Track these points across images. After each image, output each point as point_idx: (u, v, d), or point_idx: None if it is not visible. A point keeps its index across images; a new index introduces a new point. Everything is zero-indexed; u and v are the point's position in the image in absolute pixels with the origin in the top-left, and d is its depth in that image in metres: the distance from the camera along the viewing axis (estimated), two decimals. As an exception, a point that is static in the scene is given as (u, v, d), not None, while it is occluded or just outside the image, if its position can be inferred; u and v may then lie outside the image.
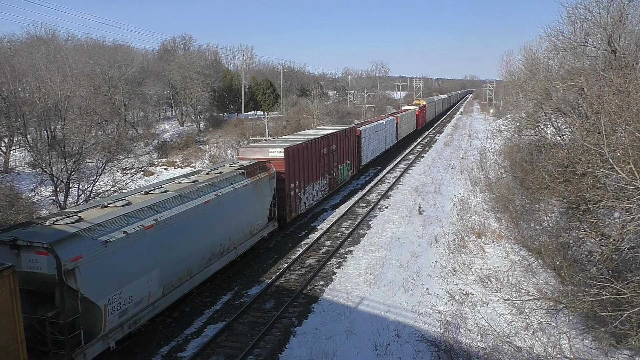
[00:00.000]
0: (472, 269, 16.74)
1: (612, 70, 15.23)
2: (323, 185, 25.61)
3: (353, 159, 31.62)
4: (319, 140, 24.59)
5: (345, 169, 29.74)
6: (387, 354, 11.67)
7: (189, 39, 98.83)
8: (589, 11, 18.11)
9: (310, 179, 23.46)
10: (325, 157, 25.59)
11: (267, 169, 18.88)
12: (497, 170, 25.75)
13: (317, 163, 24.37)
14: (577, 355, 10.67)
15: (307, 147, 22.84)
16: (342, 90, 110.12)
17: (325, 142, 25.79)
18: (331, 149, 26.60)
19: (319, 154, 24.63)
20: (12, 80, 36.18)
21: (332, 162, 27.01)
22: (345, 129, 30.25)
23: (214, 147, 51.50)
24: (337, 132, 28.05)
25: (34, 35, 74.00)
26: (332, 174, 26.99)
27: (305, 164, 22.64)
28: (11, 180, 30.10)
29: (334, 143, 27.26)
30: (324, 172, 25.56)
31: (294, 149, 21.34)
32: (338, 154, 27.96)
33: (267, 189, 18.41)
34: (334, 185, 27.78)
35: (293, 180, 21.14)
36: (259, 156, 20.30)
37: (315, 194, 24.28)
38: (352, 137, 31.21)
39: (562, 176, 14.27)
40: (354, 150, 31.83)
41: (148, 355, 11.93)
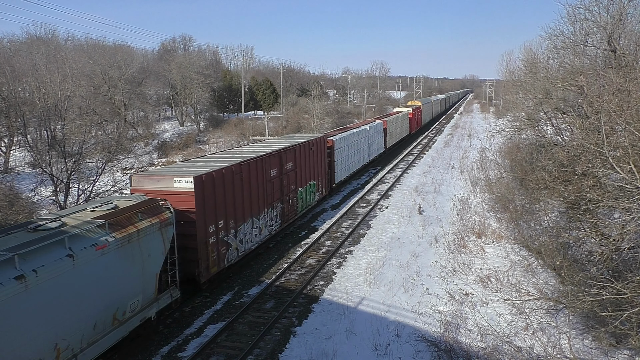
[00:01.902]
0: (472, 269, 16.73)
1: (612, 70, 15.23)
2: (271, 218, 19.30)
3: (322, 177, 25.61)
4: (262, 160, 18.20)
5: (309, 191, 23.64)
6: (387, 354, 11.67)
7: (189, 39, 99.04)
8: (588, 11, 18.12)
9: (248, 214, 17.17)
10: (274, 181, 19.47)
11: (158, 212, 12.13)
12: (497, 170, 25.75)
13: (261, 190, 18.20)
14: (577, 355, 10.66)
15: (238, 171, 16.43)
16: (342, 90, 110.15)
17: (275, 160, 19.45)
18: (285, 168, 20.41)
19: (264, 177, 18.43)
20: (12, 80, 36.18)
21: (288, 185, 20.85)
22: (309, 140, 23.64)
23: (214, 147, 51.54)
24: (295, 146, 21.55)
25: (34, 35, 74.08)
26: (286, 202, 20.81)
27: (237, 194, 16.39)
28: (11, 180, 30.12)
29: (290, 160, 21.03)
30: (273, 200, 19.35)
31: (214, 176, 14.92)
32: (298, 173, 21.98)
33: (154, 244, 11.78)
34: (291, 215, 21.48)
35: (213, 221, 14.92)
36: (160, 187, 14.25)
37: (256, 232, 17.90)
38: (320, 150, 25.13)
39: (562, 176, 14.26)
40: (322, 166, 25.67)
41: (148, 355, 11.93)
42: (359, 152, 33.78)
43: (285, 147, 20.68)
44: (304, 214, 23.78)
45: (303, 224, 23.15)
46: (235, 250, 16.42)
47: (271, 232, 19.34)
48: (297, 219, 23.00)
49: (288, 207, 21.07)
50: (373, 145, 38.27)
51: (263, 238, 18.56)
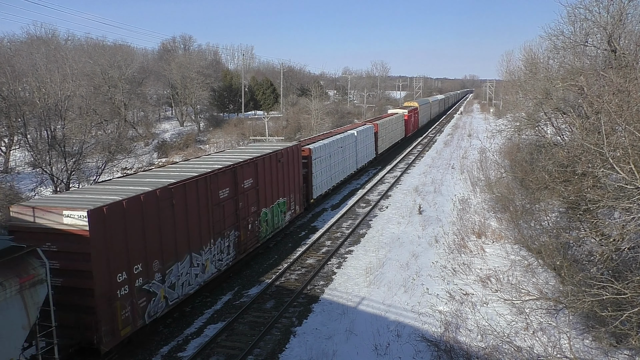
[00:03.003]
0: (472, 269, 16.74)
1: (612, 70, 15.24)
2: (220, 251, 15.35)
3: (295, 192, 21.76)
4: (206, 179, 14.34)
5: (277, 211, 19.75)
6: (387, 354, 11.67)
7: (189, 38, 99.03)
8: (588, 11, 18.11)
9: (183, 250, 13.28)
10: (226, 203, 15.57)
11: (18, 266, 8.41)
12: (497, 170, 25.75)
13: (204, 217, 14.29)
14: (577, 355, 10.66)
15: (167, 196, 12.53)
16: (342, 90, 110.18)
17: (226, 178, 15.57)
18: (242, 186, 16.60)
19: (209, 200, 14.49)
20: (12, 80, 36.17)
21: (246, 207, 16.98)
22: (277, 151, 19.71)
23: (214, 147, 51.55)
24: (256, 159, 17.71)
25: (34, 35, 74.00)
26: (244, 228, 16.88)
27: (166, 227, 12.51)
28: (11, 180, 30.13)
29: (250, 176, 17.16)
30: (224, 228, 15.47)
31: (124, 207, 11.15)
32: (261, 191, 18.13)
33: (7, 316, 8.01)
34: (250, 243, 17.47)
35: (124, 267, 11.20)
36: (46, 223, 10.57)
37: (197, 272, 14.00)
38: (293, 161, 21.43)
39: (562, 176, 14.27)
40: (296, 180, 21.87)
41: (148, 355, 11.93)
42: (343, 160, 30.16)
43: (241, 161, 16.68)
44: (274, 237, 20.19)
45: (303, 224, 23.16)
46: (163, 299, 12.51)
47: (221, 268, 15.37)
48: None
49: (246, 234, 17.02)
50: (362, 151, 34.91)
51: (209, 277, 14.62)
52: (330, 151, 27.27)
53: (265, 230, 18.69)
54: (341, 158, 29.54)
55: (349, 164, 31.43)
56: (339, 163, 29.17)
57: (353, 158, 32.43)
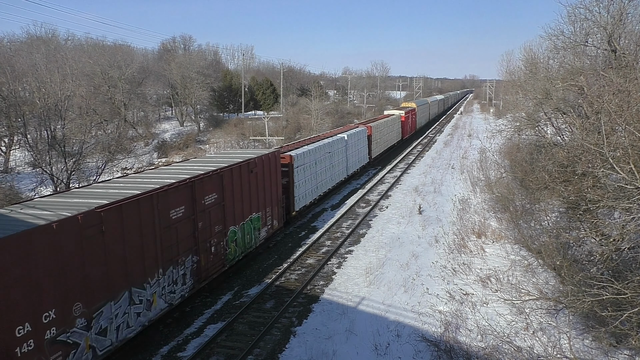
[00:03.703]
0: (472, 268, 16.74)
1: (612, 70, 15.25)
2: (172, 281, 12.88)
3: (273, 205, 19.38)
4: (152, 197, 11.95)
5: (249, 228, 17.34)
6: (387, 354, 11.67)
7: (188, 38, 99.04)
8: (589, 11, 18.13)
9: (119, 286, 10.96)
10: (181, 225, 13.17)
11: None
12: (497, 170, 25.76)
13: (150, 243, 11.95)
14: (577, 355, 10.66)
15: (94, 222, 10.21)
16: (342, 90, 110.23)
17: (181, 194, 13.15)
18: (203, 203, 14.22)
19: (157, 222, 12.14)
20: (12, 80, 36.19)
21: (208, 226, 14.60)
22: (250, 159, 17.22)
23: (214, 147, 51.58)
24: (222, 170, 15.28)
25: (34, 35, 74.09)
26: (205, 251, 14.47)
27: (92, 260, 10.16)
28: (11, 180, 30.14)
29: (213, 190, 14.78)
30: (177, 254, 13.06)
31: (27, 240, 8.80)
32: (229, 206, 15.76)
33: None
34: (214, 268, 15.02)
35: (28, 316, 8.83)
36: None
37: (139, 310, 11.59)
38: (271, 170, 19.04)
39: (562, 176, 14.28)
40: (275, 191, 19.49)
41: (148, 355, 11.93)
42: (332, 167, 27.70)
43: (202, 174, 14.19)
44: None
45: (303, 224, 23.16)
46: (89, 350, 10.11)
47: (173, 302, 12.92)
48: (224, 272, 15.98)
49: (208, 258, 14.66)
50: (353, 156, 32.41)
51: (157, 314, 12.24)
52: (316, 157, 25.04)
53: (234, 252, 16.24)
54: (329, 164, 27.26)
55: (338, 170, 29.02)
56: (327, 170, 26.91)
57: (343, 164, 30.06)
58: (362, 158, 34.75)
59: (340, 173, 29.50)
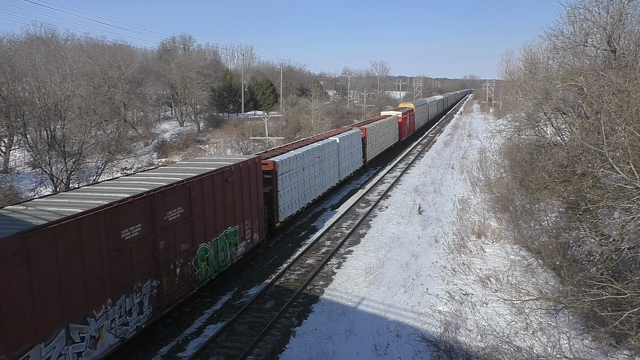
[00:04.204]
0: (471, 269, 16.74)
1: (612, 70, 15.26)
2: (126, 312, 11.11)
3: (253, 216, 17.66)
4: (99, 216, 10.26)
5: (224, 244, 15.67)
6: (387, 354, 11.67)
7: (188, 39, 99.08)
8: (588, 11, 18.14)
9: (53, 323, 9.20)
10: (136, 246, 11.44)
11: None
12: (497, 170, 25.76)
13: (95, 269, 10.20)
14: (576, 355, 10.67)
15: (20, 249, 8.55)
16: (342, 90, 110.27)
17: (135, 210, 11.40)
18: (165, 219, 12.46)
19: (105, 244, 10.44)
20: (12, 80, 36.21)
21: (172, 245, 12.83)
22: (224, 168, 15.43)
23: (213, 147, 51.59)
24: (189, 181, 13.50)
25: (34, 35, 74.10)
26: (169, 274, 12.70)
27: (18, 293, 8.57)
28: (11, 180, 30.14)
29: (179, 204, 13.04)
30: (132, 280, 11.35)
31: None
32: (198, 221, 13.99)
33: None
34: (179, 292, 13.24)
35: None
36: None
37: (82, 349, 9.86)
38: (251, 178, 17.30)
39: (561, 176, 14.29)
40: (254, 201, 17.65)
41: (148, 355, 11.93)
42: (322, 172, 26.12)
43: (165, 186, 12.45)
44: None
45: (303, 224, 23.16)
46: None
47: (126, 336, 11.18)
48: (190, 296, 14.12)
49: (172, 281, 12.88)
50: (346, 160, 30.78)
51: (105, 350, 10.48)
52: (304, 163, 23.43)
53: (204, 272, 14.50)
54: (319, 170, 25.63)
55: (329, 175, 27.44)
56: (316, 176, 25.28)
57: (334, 169, 28.42)
58: (356, 162, 33.24)
59: (331, 179, 27.94)
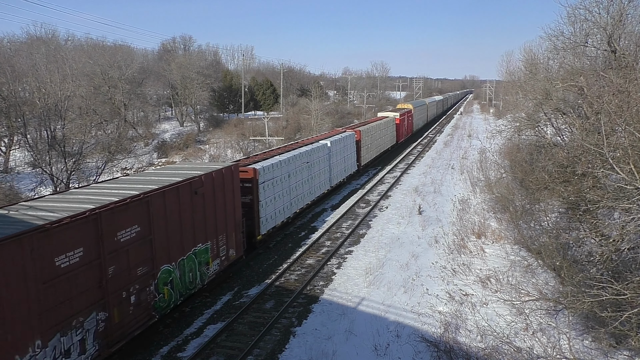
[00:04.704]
0: (472, 269, 16.74)
1: (612, 71, 15.25)
2: (63, 352, 9.45)
3: (228, 231, 15.82)
4: (21, 242, 8.56)
5: (194, 263, 13.93)
6: (387, 355, 11.67)
7: (189, 39, 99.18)
8: (589, 11, 18.13)
9: None
10: (74, 274, 9.75)
11: None
12: (497, 170, 25.76)
13: (22, 306, 8.63)
14: (576, 355, 10.67)
15: None
16: (342, 90, 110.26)
17: (80, 231, 9.86)
18: (116, 239, 10.85)
19: (37, 275, 8.87)
20: (12, 80, 36.22)
21: (125, 270, 11.23)
22: (195, 177, 13.83)
23: (214, 147, 51.58)
24: (149, 195, 11.88)
25: (34, 35, 74.15)
26: (118, 304, 11.00)
27: None
28: (11, 180, 30.17)
29: (135, 222, 11.44)
30: (70, 314, 9.68)
31: None
32: (160, 240, 12.39)
33: None
34: (136, 323, 11.58)
35: None
36: None
37: None
38: (225, 188, 15.53)
39: (562, 176, 14.29)
40: (230, 214, 15.88)
41: (148, 355, 11.93)
42: (310, 179, 24.44)
43: (116, 201, 10.82)
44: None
45: (303, 224, 23.16)
46: None
47: None
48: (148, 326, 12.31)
49: (125, 312, 11.22)
50: (338, 164, 29.02)
51: None
52: (289, 169, 21.70)
53: (168, 297, 12.81)
54: (307, 176, 23.91)
55: (319, 182, 25.76)
56: (304, 183, 23.62)
57: (325, 174, 26.76)
58: (349, 166, 31.54)
59: (321, 185, 26.26)
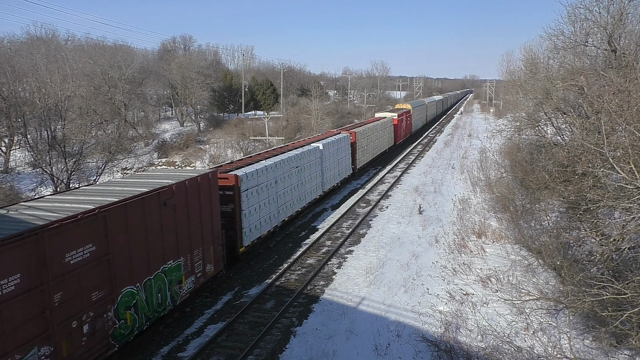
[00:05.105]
0: (472, 269, 16.73)
1: (612, 70, 15.25)
2: None
3: (206, 245, 14.36)
4: None
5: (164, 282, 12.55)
6: (387, 354, 11.67)
7: (189, 39, 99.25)
8: (589, 11, 18.13)
9: None
10: (6, 306, 8.24)
11: None
12: (497, 170, 25.75)
13: None
14: (577, 355, 10.66)
15: None
16: (342, 90, 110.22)
17: (15, 256, 8.38)
18: (63, 263, 9.39)
19: None
20: (12, 80, 36.22)
21: (79, 295, 9.81)
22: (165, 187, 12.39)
23: (214, 147, 51.57)
24: (107, 209, 10.47)
25: (34, 35, 74.18)
26: (67, 335, 9.54)
27: None
28: (11, 180, 30.18)
29: (90, 241, 10.07)
30: (6, 352, 8.21)
31: None
32: (122, 260, 11.00)
33: None
34: (89, 355, 10.07)
35: None
36: None
37: None
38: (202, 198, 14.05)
39: (562, 176, 14.29)
40: (206, 226, 14.41)
41: (148, 355, 11.93)
42: (301, 184, 23.01)
43: (63, 219, 9.37)
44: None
45: (303, 224, 23.16)
46: None
47: None
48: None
49: (78, 343, 9.80)
50: (332, 168, 27.46)
51: None
52: (276, 175, 20.30)
53: (131, 322, 11.35)
54: (297, 182, 22.47)
55: (310, 187, 24.33)
56: (293, 189, 22.16)
57: (317, 179, 25.32)
58: (343, 169, 30.05)
59: (313, 190, 24.84)
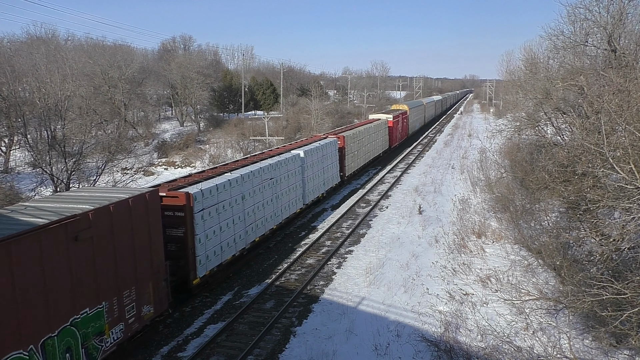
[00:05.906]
0: (472, 269, 16.73)
1: (612, 70, 15.25)
2: None
3: (143, 282, 11.61)
4: None
5: (76, 337, 9.47)
6: (387, 354, 11.67)
7: (188, 38, 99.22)
8: (589, 10, 18.14)
9: None
10: None
11: None
12: (497, 170, 25.75)
13: None
14: (577, 355, 10.66)
15: None
16: (342, 90, 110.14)
17: None
18: None
19: None
20: (12, 80, 36.19)
21: None
22: (81, 214, 9.51)
23: (214, 147, 51.56)
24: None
25: (34, 35, 74.15)
26: None
27: None
28: (11, 180, 30.15)
29: None
30: None
31: None
32: (5, 319, 7.78)
33: None
34: None
35: None
36: None
37: None
38: (140, 225, 11.36)
39: (562, 176, 14.28)
40: (145, 258, 11.67)
41: (148, 355, 11.93)
42: (276, 198, 19.94)
43: None
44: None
45: (303, 224, 23.15)
46: None
47: None
48: None
49: None
50: (315, 178, 24.53)
51: None
52: (244, 190, 17.15)
53: None
54: (271, 195, 19.40)
55: (288, 201, 21.26)
56: (267, 204, 19.11)
57: (297, 191, 22.39)
58: (329, 178, 26.81)
59: (291, 204, 21.78)
